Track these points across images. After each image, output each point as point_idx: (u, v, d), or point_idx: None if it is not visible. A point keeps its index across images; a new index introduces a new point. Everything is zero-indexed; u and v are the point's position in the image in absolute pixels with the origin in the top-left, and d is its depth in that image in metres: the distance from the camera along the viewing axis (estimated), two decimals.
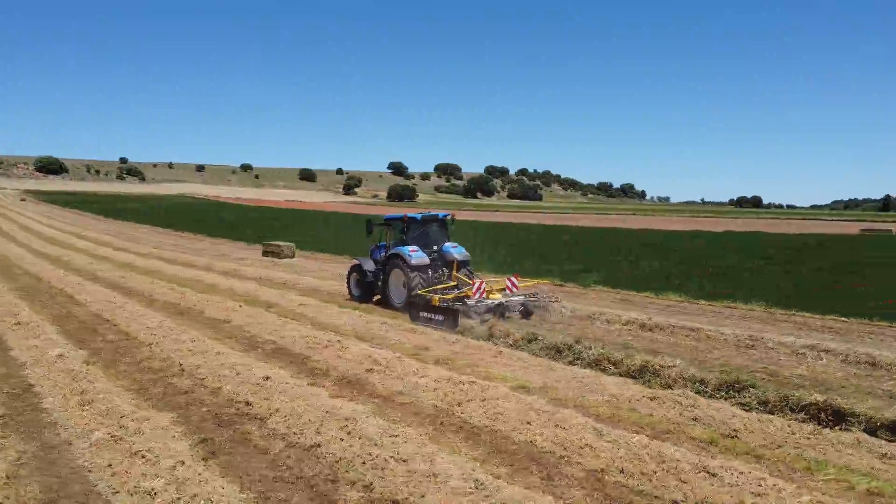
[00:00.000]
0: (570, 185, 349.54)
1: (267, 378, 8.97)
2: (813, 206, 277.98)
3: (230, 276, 22.23)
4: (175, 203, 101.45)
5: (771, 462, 6.62)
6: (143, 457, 6.35)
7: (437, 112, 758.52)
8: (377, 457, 6.36)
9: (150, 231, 48.00)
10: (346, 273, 17.88)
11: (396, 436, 6.85)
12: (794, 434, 7.19)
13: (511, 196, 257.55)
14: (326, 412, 7.58)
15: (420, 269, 15.35)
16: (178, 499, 5.53)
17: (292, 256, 28.96)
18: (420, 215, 16.53)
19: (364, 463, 6.30)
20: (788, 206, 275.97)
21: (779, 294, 17.61)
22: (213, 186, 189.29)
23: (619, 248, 34.93)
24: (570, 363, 10.21)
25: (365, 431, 6.97)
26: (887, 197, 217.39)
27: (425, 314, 13.83)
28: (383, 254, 16.79)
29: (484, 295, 14.14)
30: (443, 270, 15.96)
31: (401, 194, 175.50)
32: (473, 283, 14.50)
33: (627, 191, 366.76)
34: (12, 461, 6.47)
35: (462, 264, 16.00)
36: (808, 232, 52.45)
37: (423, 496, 5.62)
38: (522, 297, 14.79)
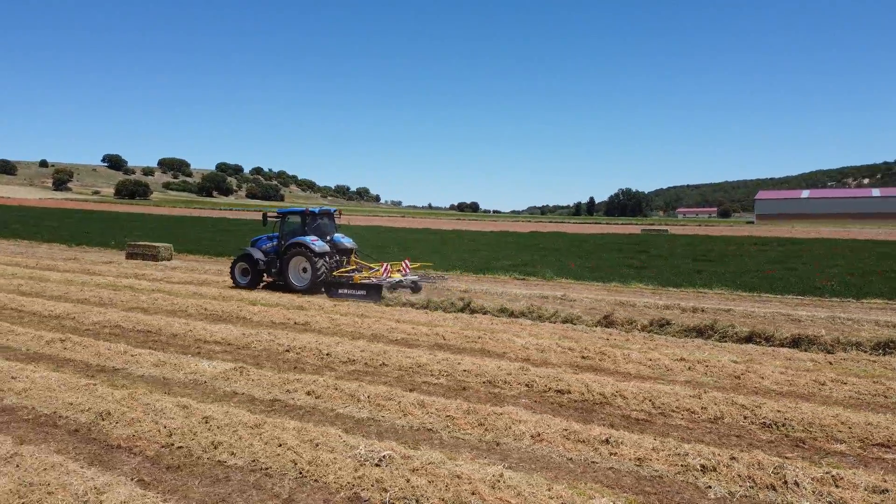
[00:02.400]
0: (308, 186, 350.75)
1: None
2: (513, 212, 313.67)
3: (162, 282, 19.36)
4: None
5: None
6: None
7: (161, 104, 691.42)
8: None
9: None
10: (231, 264, 19.58)
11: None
12: None
13: (251, 195, 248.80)
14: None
15: (322, 255, 18.02)
16: None
17: (169, 258, 25.74)
18: (318, 209, 19.29)
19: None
20: (495, 211, 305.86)
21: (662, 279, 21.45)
22: None
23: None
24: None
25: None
26: (579, 204, 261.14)
27: (346, 291, 16.96)
28: (273, 243, 19.05)
29: (388, 274, 17.67)
30: (336, 256, 18.74)
31: (133, 191, 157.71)
32: (381, 266, 18.16)
33: (364, 194, 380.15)
34: None
35: (351, 252, 19.31)
36: (597, 233, 61.33)
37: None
38: (416, 276, 18.60)
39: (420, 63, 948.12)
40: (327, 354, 10.44)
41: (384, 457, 6.06)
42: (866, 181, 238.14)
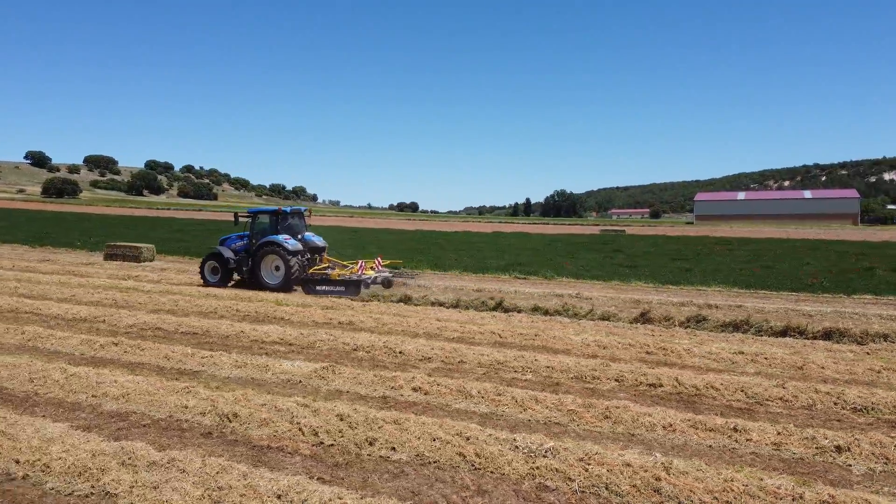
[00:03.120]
0: (241, 185, 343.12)
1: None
2: (450, 212, 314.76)
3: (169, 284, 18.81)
4: None
5: None
6: None
7: (86, 99, 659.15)
8: None
9: None
10: (200, 263, 19.76)
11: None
12: None
13: (183, 194, 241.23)
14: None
15: (295, 253, 18.41)
16: None
17: (152, 259, 24.99)
18: (289, 209, 19.53)
19: None
20: (432, 212, 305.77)
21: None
22: None
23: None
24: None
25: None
26: (516, 204, 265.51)
27: (324, 287, 17.54)
28: (243, 242, 19.45)
29: (363, 271, 18.32)
30: (308, 255, 19.07)
31: (61, 189, 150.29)
32: (358, 263, 18.80)
33: (300, 193, 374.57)
34: None
35: (322, 250, 19.75)
36: (558, 233, 62.56)
37: None
38: (388, 273, 19.20)
39: (356, 60, 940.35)
40: (400, 353, 10.56)
41: (549, 448, 6.32)
42: (787, 183, 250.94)
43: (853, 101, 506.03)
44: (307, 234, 19.79)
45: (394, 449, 6.44)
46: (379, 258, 20.13)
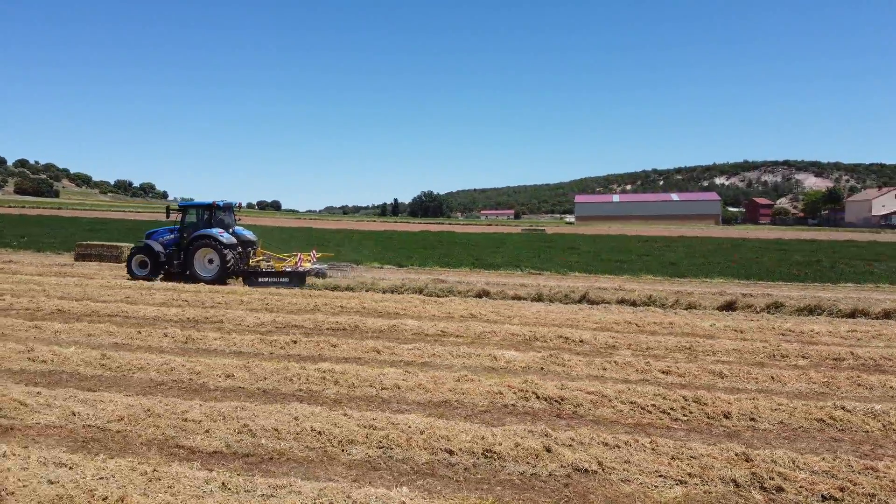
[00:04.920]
0: (83, 181, 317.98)
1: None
2: (308, 211, 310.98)
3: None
4: None
5: None
6: None
7: None
8: None
9: None
10: (128, 258, 20.10)
11: None
12: None
13: (20, 191, 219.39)
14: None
15: (231, 247, 19.19)
16: None
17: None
18: (222, 202, 20.06)
19: None
20: (291, 210, 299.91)
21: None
22: None
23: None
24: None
25: None
26: (385, 204, 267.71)
27: (266, 279, 18.60)
28: (172, 236, 19.98)
29: (301, 264, 19.67)
30: (239, 248, 19.77)
31: None
32: (297, 255, 20.17)
33: (149, 190, 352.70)
34: None
35: (253, 244, 20.71)
36: (481, 232, 64.21)
37: None
38: (325, 265, 21.06)
39: (204, 45, 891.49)
40: (517, 333, 11.39)
41: None
42: (629, 187, 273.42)
43: (686, 110, 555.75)
44: (237, 227, 20.53)
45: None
46: (314, 251, 21.58)
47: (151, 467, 5.40)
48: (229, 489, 5.08)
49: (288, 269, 19.15)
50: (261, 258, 20.65)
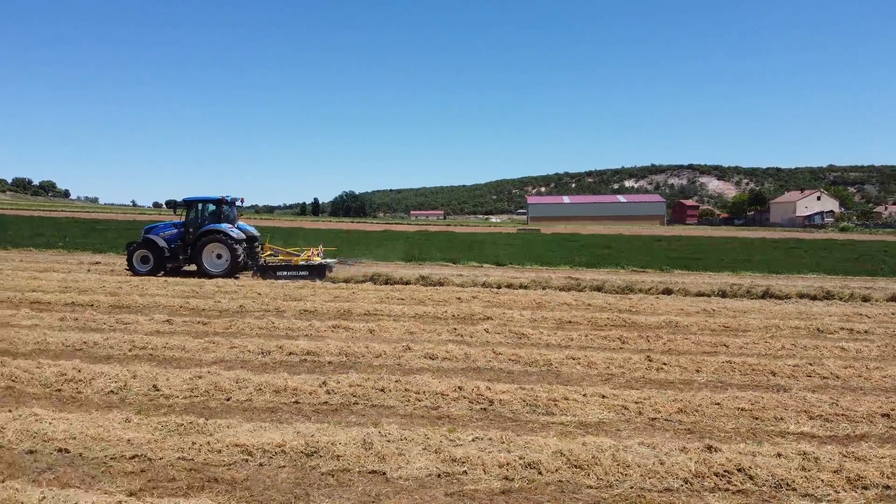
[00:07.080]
0: None
1: None
2: None
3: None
4: None
5: None
6: None
7: None
8: None
9: None
10: (128, 253, 20.31)
11: None
12: None
13: None
14: None
15: (240, 242, 19.80)
16: None
17: None
18: (230, 197, 20.57)
19: None
20: None
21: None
22: None
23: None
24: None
25: None
26: (304, 204, 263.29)
27: (286, 273, 19.39)
28: (176, 231, 20.35)
29: (311, 258, 20.37)
30: (246, 243, 20.29)
31: None
32: (309, 250, 20.98)
33: (49, 188, 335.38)
34: None
35: (257, 239, 21.25)
36: (471, 231, 65.25)
37: None
38: (333, 260, 21.62)
39: (116, 40, 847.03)
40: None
41: None
42: (543, 189, 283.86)
43: (596, 113, 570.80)
44: (240, 223, 21.02)
45: None
46: (321, 246, 22.30)
47: None
48: None
49: (303, 263, 19.95)
50: (269, 253, 21.31)
